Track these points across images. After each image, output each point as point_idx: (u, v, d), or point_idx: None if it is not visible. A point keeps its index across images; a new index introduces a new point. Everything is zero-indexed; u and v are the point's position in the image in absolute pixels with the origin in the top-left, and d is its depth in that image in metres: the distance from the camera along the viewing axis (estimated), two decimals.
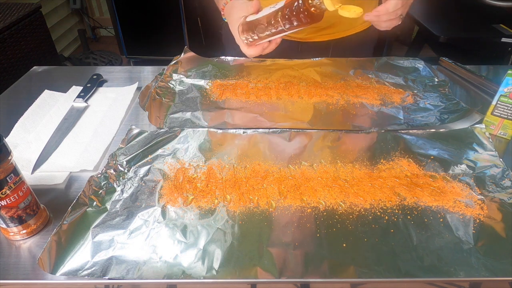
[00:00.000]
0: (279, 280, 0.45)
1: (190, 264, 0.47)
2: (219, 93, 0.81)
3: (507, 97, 0.64)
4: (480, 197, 0.54)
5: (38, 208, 0.52)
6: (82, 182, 0.59)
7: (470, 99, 0.80)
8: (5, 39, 1.52)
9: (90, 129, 0.72)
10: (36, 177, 0.61)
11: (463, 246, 0.48)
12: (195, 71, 0.89)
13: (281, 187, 0.57)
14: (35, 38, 1.72)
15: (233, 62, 0.93)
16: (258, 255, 0.47)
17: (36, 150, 0.66)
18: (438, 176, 0.59)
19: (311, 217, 0.52)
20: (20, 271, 0.47)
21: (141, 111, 0.78)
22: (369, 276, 0.45)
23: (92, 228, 0.51)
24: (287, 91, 0.81)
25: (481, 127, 0.67)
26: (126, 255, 0.48)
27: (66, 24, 2.80)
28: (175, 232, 0.50)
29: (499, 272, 0.45)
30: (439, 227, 0.50)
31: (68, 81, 0.88)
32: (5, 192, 0.46)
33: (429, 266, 0.46)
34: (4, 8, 1.67)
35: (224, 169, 0.61)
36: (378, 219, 0.52)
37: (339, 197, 0.55)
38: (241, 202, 0.54)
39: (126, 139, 0.67)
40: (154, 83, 0.84)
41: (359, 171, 0.60)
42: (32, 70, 0.96)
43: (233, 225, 0.51)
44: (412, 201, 0.54)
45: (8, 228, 0.50)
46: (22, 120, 0.74)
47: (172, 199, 0.55)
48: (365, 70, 0.87)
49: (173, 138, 0.67)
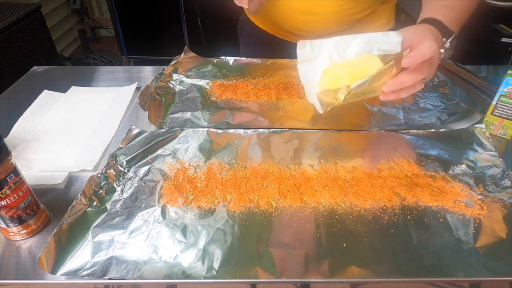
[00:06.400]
0: (279, 280, 0.45)
1: (190, 264, 0.47)
2: (219, 93, 0.81)
3: (507, 97, 0.64)
4: (480, 197, 0.54)
5: (38, 208, 0.52)
6: (82, 182, 0.59)
7: (470, 99, 0.80)
8: (5, 39, 1.53)
9: (89, 129, 0.72)
10: (36, 177, 0.61)
11: (463, 246, 0.48)
12: (195, 71, 0.89)
13: (281, 187, 0.57)
14: (35, 38, 1.72)
15: (233, 62, 0.93)
16: (258, 255, 0.47)
17: (36, 150, 0.66)
18: (438, 176, 0.59)
19: (311, 217, 0.52)
20: (20, 271, 0.47)
21: (141, 111, 0.78)
22: (369, 276, 0.45)
23: (92, 228, 0.51)
24: (287, 91, 0.81)
25: (481, 127, 0.67)
26: (126, 255, 0.48)
27: (66, 24, 2.80)
28: (175, 232, 0.50)
29: (499, 272, 0.45)
30: (439, 227, 0.50)
31: (68, 81, 0.88)
32: (5, 192, 0.46)
33: (429, 266, 0.46)
34: (4, 8, 1.67)
35: (224, 169, 0.61)
36: (378, 219, 0.52)
37: (339, 197, 0.55)
38: (241, 202, 0.54)
39: (126, 139, 0.67)
40: (154, 83, 0.84)
41: (359, 171, 0.60)
42: (32, 70, 0.96)
43: (233, 225, 0.51)
44: (412, 201, 0.54)
45: (8, 228, 0.50)
46: (22, 120, 0.74)
47: (172, 199, 0.55)
48: None
49: (173, 138, 0.67)
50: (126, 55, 2.59)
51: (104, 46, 3.02)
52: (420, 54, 0.53)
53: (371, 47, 0.54)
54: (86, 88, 0.87)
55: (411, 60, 0.53)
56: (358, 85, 0.53)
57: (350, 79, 0.53)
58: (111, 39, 2.97)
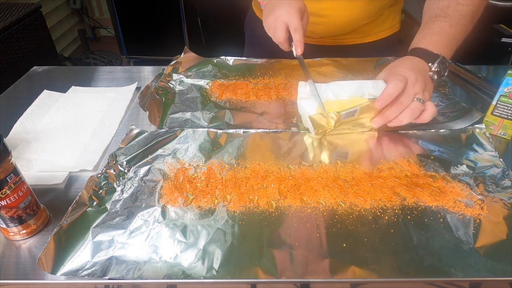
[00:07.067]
0: (279, 280, 0.45)
1: (190, 264, 0.47)
2: (219, 93, 0.81)
3: (507, 97, 0.64)
4: (480, 197, 0.54)
5: (38, 208, 0.52)
6: (82, 182, 0.59)
7: (470, 99, 0.80)
8: (5, 39, 1.53)
9: (89, 129, 0.72)
10: (36, 177, 0.61)
11: (463, 246, 0.48)
12: (195, 71, 0.89)
13: (281, 187, 0.57)
14: (35, 38, 1.72)
15: (233, 62, 0.93)
16: (258, 255, 0.47)
17: (36, 150, 0.66)
18: (438, 176, 0.59)
19: (311, 217, 0.52)
20: (20, 271, 0.47)
21: (141, 111, 0.78)
22: (369, 276, 0.45)
23: (92, 228, 0.51)
24: (287, 91, 0.81)
25: (481, 127, 0.67)
26: (126, 255, 0.48)
27: (66, 24, 2.80)
28: (175, 232, 0.50)
29: (499, 272, 0.45)
30: (439, 227, 0.50)
31: (68, 81, 0.88)
32: (5, 192, 0.46)
33: (429, 266, 0.46)
34: (4, 8, 1.68)
35: (224, 169, 0.61)
36: (378, 219, 0.52)
37: (339, 197, 0.55)
38: (241, 202, 0.54)
39: (126, 139, 0.67)
40: (154, 83, 0.84)
41: (359, 171, 0.60)
42: (32, 70, 0.96)
43: (233, 225, 0.51)
44: (412, 201, 0.54)
45: (8, 228, 0.50)
46: (22, 120, 0.74)
47: (172, 199, 0.55)
48: (365, 70, 0.87)
49: (173, 138, 0.67)
50: (126, 55, 2.59)
51: (104, 46, 3.02)
52: (387, 95, 0.60)
53: (362, 92, 0.65)
54: (86, 88, 0.87)
55: (381, 102, 0.61)
56: (347, 113, 0.62)
57: (341, 108, 0.63)
58: (111, 39, 2.97)
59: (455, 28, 0.68)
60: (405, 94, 0.62)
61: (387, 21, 0.92)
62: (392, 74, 0.63)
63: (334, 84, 0.68)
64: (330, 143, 0.66)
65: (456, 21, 0.68)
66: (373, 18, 0.88)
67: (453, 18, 0.68)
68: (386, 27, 0.93)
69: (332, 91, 0.67)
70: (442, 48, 0.66)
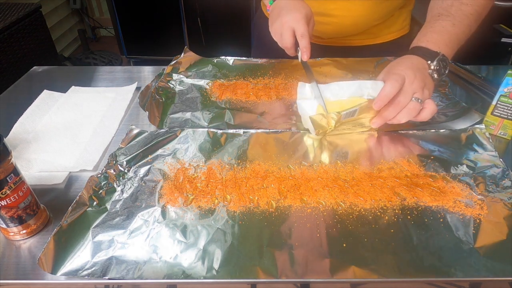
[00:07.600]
0: (279, 280, 0.45)
1: (190, 264, 0.47)
2: (219, 93, 0.81)
3: (507, 97, 0.64)
4: (480, 197, 0.54)
5: (38, 208, 0.52)
6: (82, 182, 0.59)
7: (470, 99, 0.80)
8: (5, 39, 1.53)
9: (89, 129, 0.72)
10: (36, 177, 0.61)
11: (463, 246, 0.48)
12: (195, 71, 0.89)
13: (281, 187, 0.57)
14: (35, 38, 1.72)
15: (233, 62, 0.93)
16: (258, 255, 0.47)
17: (36, 150, 0.66)
18: (438, 176, 0.58)
19: (311, 217, 0.52)
20: (20, 271, 0.47)
21: (141, 111, 0.78)
22: (369, 276, 0.45)
23: (92, 228, 0.51)
24: (287, 91, 0.81)
25: (481, 127, 0.67)
26: (126, 255, 0.48)
27: (66, 24, 2.80)
28: (175, 232, 0.50)
29: (499, 272, 0.45)
30: (439, 227, 0.50)
31: (68, 81, 0.88)
32: (5, 192, 0.46)
33: (429, 266, 0.46)
34: (4, 8, 1.68)
35: (224, 169, 0.61)
36: (378, 219, 0.52)
37: (339, 197, 0.55)
38: (241, 202, 0.54)
39: (126, 139, 0.67)
40: (154, 83, 0.84)
41: (359, 171, 0.60)
42: (32, 70, 0.96)
43: (233, 225, 0.51)
44: (412, 201, 0.54)
45: (8, 228, 0.50)
46: (22, 120, 0.74)
47: (172, 199, 0.55)
48: (365, 71, 0.87)
49: (173, 138, 0.67)
50: (126, 55, 2.59)
51: (104, 46, 3.02)
52: (384, 96, 0.61)
53: (362, 92, 0.66)
54: (86, 88, 0.87)
55: (379, 103, 0.61)
56: (347, 113, 0.62)
57: (341, 109, 0.62)
58: (111, 39, 2.97)
59: (457, 27, 0.67)
60: (403, 93, 0.61)
61: (397, 22, 0.92)
62: (389, 74, 0.63)
63: (333, 85, 0.68)
64: (330, 143, 0.66)
65: (459, 20, 0.68)
66: (383, 19, 0.88)
67: (456, 17, 0.68)
68: (396, 29, 0.93)
69: (332, 92, 0.67)
70: (443, 47, 0.66)
